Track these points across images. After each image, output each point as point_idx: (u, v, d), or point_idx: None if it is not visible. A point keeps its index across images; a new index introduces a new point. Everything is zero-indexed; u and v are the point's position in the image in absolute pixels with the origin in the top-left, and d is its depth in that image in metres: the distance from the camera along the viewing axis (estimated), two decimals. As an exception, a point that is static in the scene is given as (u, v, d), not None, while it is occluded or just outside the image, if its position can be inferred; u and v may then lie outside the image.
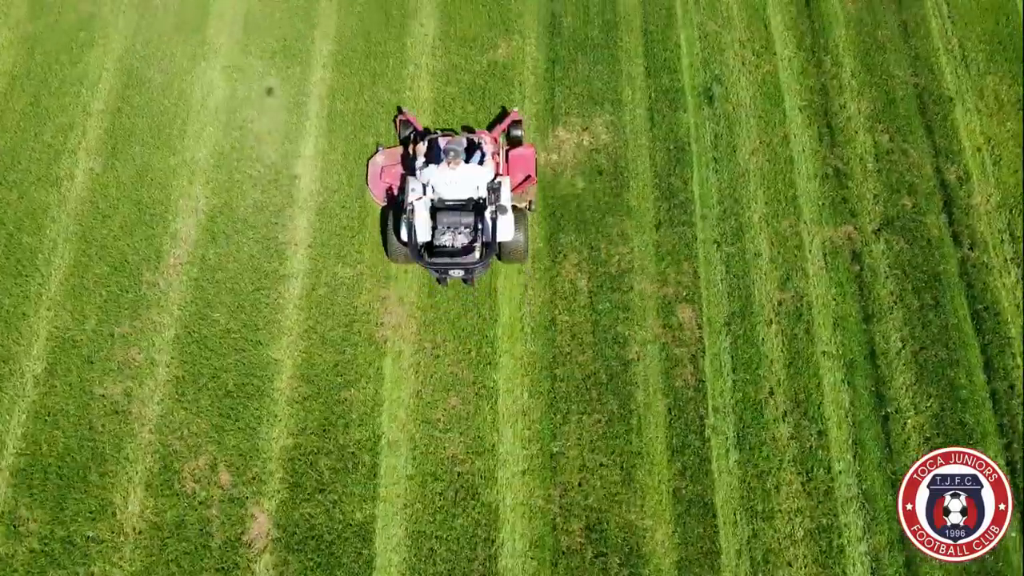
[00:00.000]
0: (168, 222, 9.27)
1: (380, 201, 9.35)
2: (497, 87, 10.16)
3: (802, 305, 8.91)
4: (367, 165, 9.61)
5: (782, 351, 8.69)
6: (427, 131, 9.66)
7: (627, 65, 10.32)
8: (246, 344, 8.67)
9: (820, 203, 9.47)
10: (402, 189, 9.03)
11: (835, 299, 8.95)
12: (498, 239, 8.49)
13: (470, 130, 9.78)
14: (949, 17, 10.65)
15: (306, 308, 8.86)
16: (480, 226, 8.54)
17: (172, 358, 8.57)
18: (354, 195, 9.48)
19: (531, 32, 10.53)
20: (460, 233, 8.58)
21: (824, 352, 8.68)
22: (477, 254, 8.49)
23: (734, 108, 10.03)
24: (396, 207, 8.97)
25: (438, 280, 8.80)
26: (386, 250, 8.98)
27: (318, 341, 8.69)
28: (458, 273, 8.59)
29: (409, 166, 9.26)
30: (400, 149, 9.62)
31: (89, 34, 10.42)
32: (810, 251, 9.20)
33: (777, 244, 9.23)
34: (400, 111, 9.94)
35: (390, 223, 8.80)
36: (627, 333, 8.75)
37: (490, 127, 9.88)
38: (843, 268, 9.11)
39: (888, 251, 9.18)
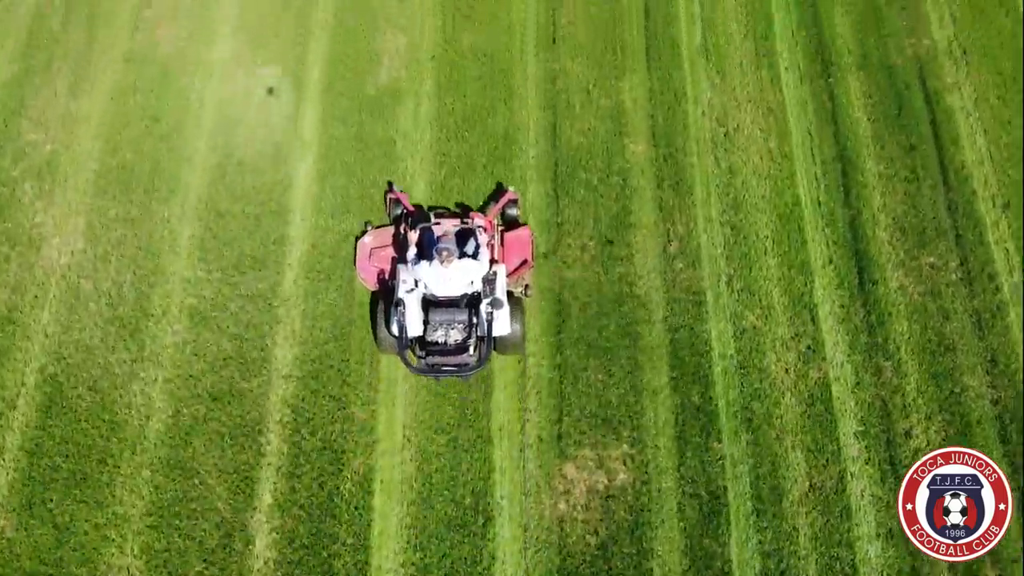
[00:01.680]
0: (92, 610, 7.72)
1: (370, 286, 8.97)
2: (497, 407, 8.60)
3: None
4: (355, 246, 9.20)
5: None
6: (418, 209, 9.32)
7: (649, 373, 8.77)
8: None
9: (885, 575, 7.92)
10: (393, 275, 8.64)
11: None
12: (494, 334, 8.20)
13: (465, 209, 9.41)
14: (1030, 305, 9.11)
15: None
16: (475, 321, 8.24)
17: None
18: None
19: (532, 329, 8.96)
20: (453, 329, 8.24)
21: None
22: (471, 349, 8.29)
23: (778, 435, 8.48)
24: (387, 293, 8.64)
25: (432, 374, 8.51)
26: (375, 339, 8.60)
27: None
28: (452, 369, 8.32)
29: (399, 246, 8.93)
30: (391, 229, 9.22)
31: (7, 336, 8.86)
32: (875, 647, 7.67)
33: (835, 637, 7.69)
34: (390, 188, 9.55)
35: (380, 311, 8.50)
36: None
37: (484, 206, 9.47)
38: (915, 670, 7.57)
39: (969, 645, 7.66)
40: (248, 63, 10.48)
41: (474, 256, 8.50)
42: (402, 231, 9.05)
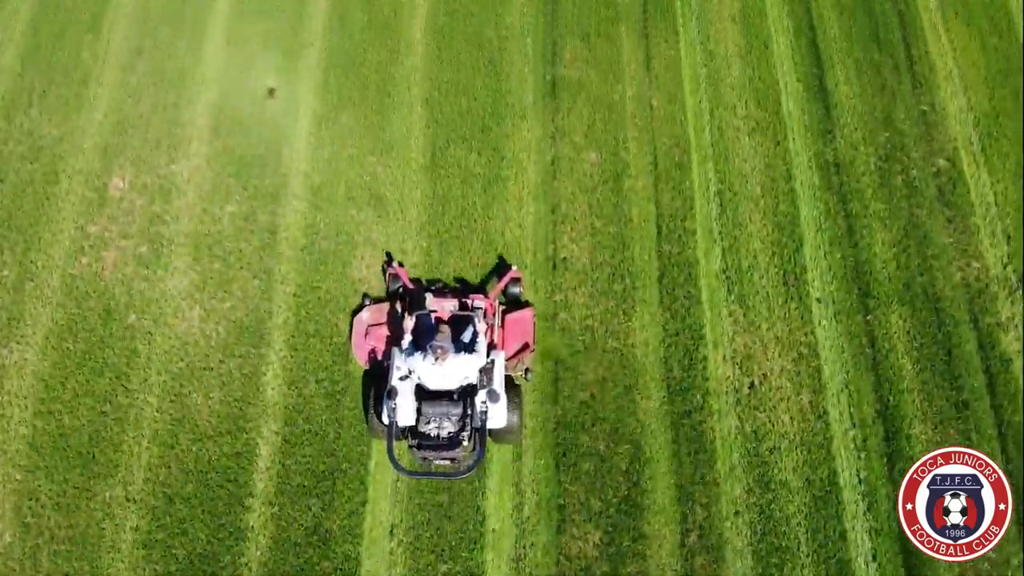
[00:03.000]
0: None
1: (364, 364, 8.82)
2: None
3: None
4: (351, 322, 9.02)
5: None
6: (417, 284, 9.14)
7: None
8: None
9: None
10: (387, 355, 8.49)
11: None
12: (490, 427, 7.96)
13: (464, 288, 9.21)
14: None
15: None
16: (470, 413, 7.92)
17: None
18: None
19: (531, 652, 7.79)
20: (447, 421, 7.96)
21: None
22: (466, 441, 7.90)
23: None
24: (380, 374, 8.48)
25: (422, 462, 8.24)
26: (367, 423, 8.46)
27: None
28: (444, 462, 8.06)
29: (395, 325, 8.77)
30: (387, 305, 9.06)
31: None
32: None
33: None
34: (389, 262, 9.39)
35: (372, 393, 8.37)
36: None
37: (486, 283, 9.31)
38: None
39: None
40: (204, 297, 9.25)
41: (470, 346, 8.21)
42: (399, 310, 8.85)
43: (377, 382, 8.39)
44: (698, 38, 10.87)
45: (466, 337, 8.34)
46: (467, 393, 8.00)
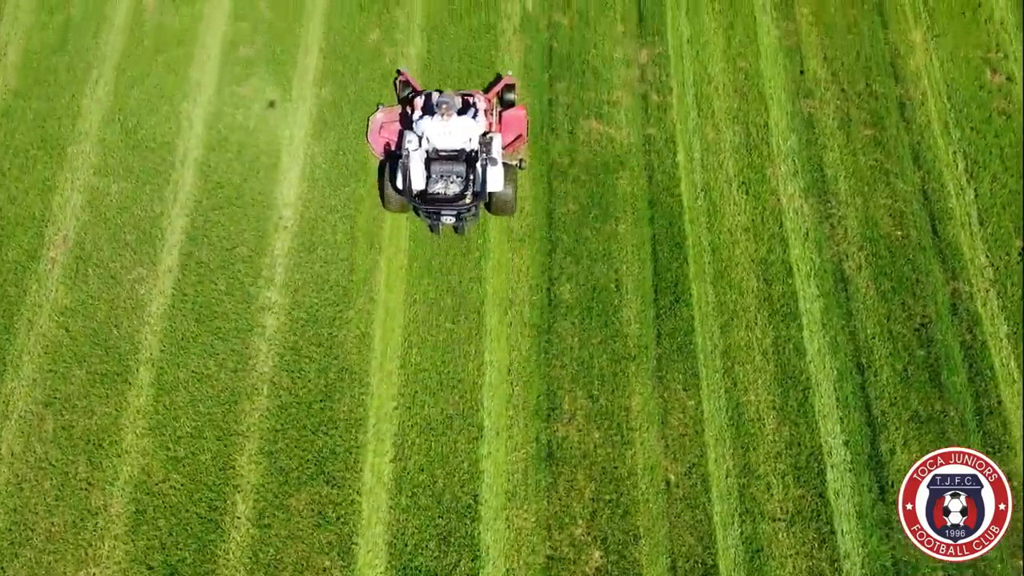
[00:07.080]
0: None
1: (379, 155, 10.15)
2: None
3: None
4: (367, 121, 10.43)
5: None
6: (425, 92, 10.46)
7: None
8: None
9: None
10: (399, 143, 9.88)
11: None
12: (488, 189, 9.39)
13: (466, 93, 10.36)
14: None
15: None
16: (471, 176, 9.38)
17: None
18: None
19: None
20: (452, 182, 9.39)
21: None
22: (468, 201, 9.28)
23: None
24: (393, 159, 9.78)
25: (430, 228, 9.66)
26: (382, 200, 9.83)
27: None
28: (449, 220, 9.46)
29: (407, 124, 10.09)
30: (399, 108, 10.46)
31: None
32: None
33: None
34: (399, 72, 10.74)
35: (387, 174, 9.68)
36: None
37: (485, 91, 10.60)
38: None
39: None
40: None
41: (473, 118, 9.67)
42: (409, 111, 10.13)
43: (391, 162, 9.70)
44: (723, 383, 9.13)
45: (469, 115, 9.69)
46: (470, 160, 9.41)
